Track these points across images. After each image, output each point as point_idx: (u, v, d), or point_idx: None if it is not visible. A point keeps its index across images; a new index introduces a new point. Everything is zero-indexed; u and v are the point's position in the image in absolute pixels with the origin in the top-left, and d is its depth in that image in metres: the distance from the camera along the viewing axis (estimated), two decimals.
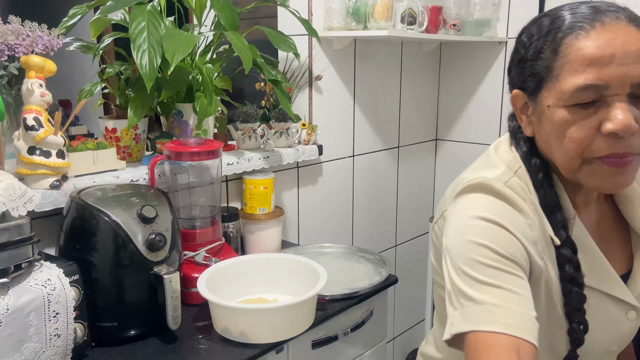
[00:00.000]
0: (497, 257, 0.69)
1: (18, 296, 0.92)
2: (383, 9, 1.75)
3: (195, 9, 1.46)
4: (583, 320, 0.74)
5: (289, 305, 1.14)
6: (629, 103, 0.65)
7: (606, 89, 0.65)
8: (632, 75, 0.64)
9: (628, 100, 0.65)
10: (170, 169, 1.38)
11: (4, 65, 1.20)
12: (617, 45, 0.64)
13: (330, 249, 1.63)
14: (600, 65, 0.64)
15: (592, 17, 0.67)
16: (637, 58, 0.64)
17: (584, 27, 0.67)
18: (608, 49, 0.64)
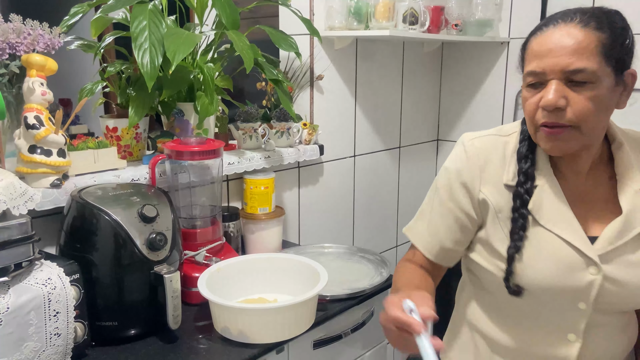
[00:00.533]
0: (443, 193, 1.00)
1: (18, 295, 0.92)
2: (385, 9, 1.75)
3: (197, 8, 1.46)
4: (517, 245, 0.90)
5: (290, 306, 1.14)
6: (564, 85, 0.83)
7: (544, 75, 0.84)
8: (562, 64, 0.82)
9: (563, 84, 0.83)
10: (171, 168, 1.38)
11: (5, 63, 1.20)
12: (554, 42, 0.83)
13: (331, 249, 1.63)
14: (541, 57, 0.84)
15: (549, 21, 0.86)
16: (568, 51, 0.82)
17: (542, 29, 0.87)
18: (546, 45, 0.84)
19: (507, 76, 2.22)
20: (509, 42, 2.19)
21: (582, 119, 0.83)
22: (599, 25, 0.82)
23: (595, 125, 0.85)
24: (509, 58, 2.20)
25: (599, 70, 0.81)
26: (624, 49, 0.84)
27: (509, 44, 2.19)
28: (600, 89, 0.82)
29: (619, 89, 0.86)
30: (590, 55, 0.81)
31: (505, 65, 2.22)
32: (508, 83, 2.22)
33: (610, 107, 0.86)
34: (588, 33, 0.81)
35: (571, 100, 0.83)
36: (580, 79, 0.82)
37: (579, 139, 0.85)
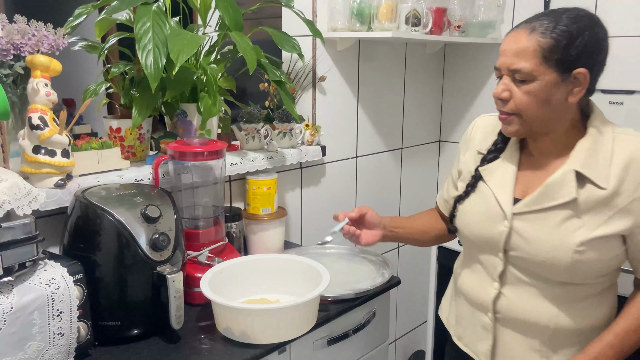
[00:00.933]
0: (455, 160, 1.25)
1: (22, 295, 0.92)
2: (387, 10, 1.75)
3: (200, 9, 1.46)
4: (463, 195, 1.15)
5: (292, 306, 1.14)
6: (511, 81, 1.00)
7: (500, 71, 1.01)
8: (507, 64, 0.99)
9: (510, 79, 1.00)
10: (174, 169, 1.39)
11: (9, 64, 1.21)
12: (507, 44, 1.00)
13: (333, 250, 1.63)
14: (500, 56, 1.02)
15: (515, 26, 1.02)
16: (512, 53, 0.98)
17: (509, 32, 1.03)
18: (503, 46, 1.01)
19: None
20: None
21: (521, 108, 1.00)
22: (544, 33, 0.96)
23: (537, 115, 1.00)
24: None
25: (535, 70, 0.96)
26: (569, 52, 0.95)
27: None
28: (539, 85, 0.97)
29: (567, 86, 0.98)
30: (530, 57, 0.96)
31: None
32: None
33: (552, 101, 0.98)
34: (531, 39, 0.97)
35: (514, 94, 1.00)
36: (520, 77, 0.98)
37: (523, 125, 1.02)
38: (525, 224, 1.04)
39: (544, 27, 0.96)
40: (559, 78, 0.97)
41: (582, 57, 0.96)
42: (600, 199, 0.98)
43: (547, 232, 1.01)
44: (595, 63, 0.98)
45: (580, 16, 0.97)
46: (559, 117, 1.01)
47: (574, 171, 1.00)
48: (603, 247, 0.99)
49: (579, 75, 0.97)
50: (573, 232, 0.99)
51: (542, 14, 1.00)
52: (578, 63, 0.96)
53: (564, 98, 0.98)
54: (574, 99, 0.99)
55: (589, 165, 1.00)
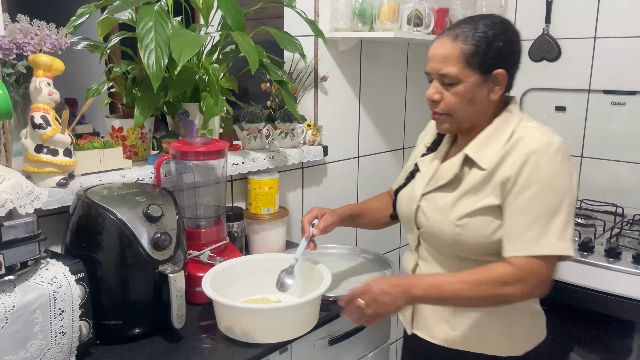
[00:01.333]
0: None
1: (24, 293, 0.93)
2: (389, 11, 1.75)
3: (202, 9, 1.46)
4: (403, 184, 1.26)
5: (293, 306, 1.14)
6: (440, 84, 1.09)
7: (430, 75, 1.11)
8: (436, 69, 1.09)
9: (439, 83, 1.09)
10: (176, 169, 1.39)
11: (12, 63, 1.21)
12: (434, 50, 1.09)
13: (334, 250, 1.63)
14: (429, 61, 1.11)
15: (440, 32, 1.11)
16: (439, 59, 1.08)
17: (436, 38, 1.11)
18: (431, 52, 1.10)
19: None
20: None
21: (450, 109, 1.09)
22: (465, 39, 1.06)
23: (464, 114, 1.10)
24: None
25: (460, 74, 1.06)
26: (488, 56, 1.05)
27: None
28: (464, 87, 1.07)
29: (489, 85, 1.08)
30: (454, 63, 1.06)
31: None
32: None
33: (477, 99, 1.08)
34: (454, 46, 1.06)
35: (444, 96, 1.09)
36: (447, 81, 1.08)
37: (453, 123, 1.12)
38: (426, 202, 1.17)
39: (464, 34, 1.06)
40: (481, 79, 1.07)
41: (499, 59, 1.06)
42: (481, 179, 1.08)
43: (437, 208, 1.14)
44: (511, 63, 1.09)
45: (495, 22, 1.08)
46: (483, 113, 1.11)
47: (464, 155, 1.12)
48: (481, 221, 1.07)
49: (498, 75, 1.07)
50: (455, 207, 1.10)
51: (462, 21, 1.10)
52: (496, 64, 1.06)
53: (486, 96, 1.09)
54: (495, 97, 1.09)
55: (479, 151, 1.10)
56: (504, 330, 1.13)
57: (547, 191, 1.02)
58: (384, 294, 1.04)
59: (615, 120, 1.99)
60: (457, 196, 1.11)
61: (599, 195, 2.02)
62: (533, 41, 2.12)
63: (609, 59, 1.97)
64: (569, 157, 1.06)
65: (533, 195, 1.02)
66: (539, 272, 1.02)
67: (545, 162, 1.03)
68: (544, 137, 1.05)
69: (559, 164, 1.03)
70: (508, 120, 1.11)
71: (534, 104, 2.18)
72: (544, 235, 1.01)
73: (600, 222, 1.82)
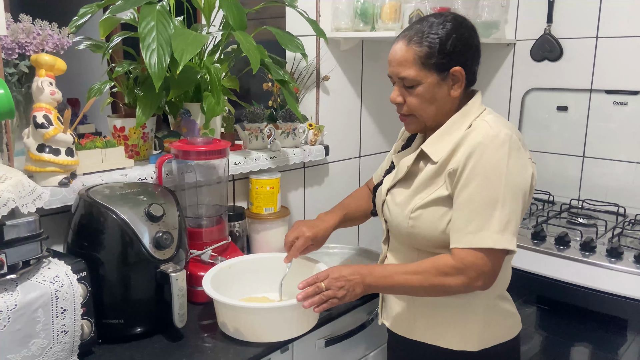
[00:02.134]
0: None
1: (26, 292, 0.93)
2: (391, 10, 1.75)
3: (204, 9, 1.46)
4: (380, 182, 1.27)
5: (293, 305, 1.14)
6: (401, 87, 1.13)
7: (392, 78, 1.14)
8: (395, 72, 1.12)
9: (401, 85, 1.12)
10: (178, 168, 1.39)
11: (14, 63, 1.21)
12: (392, 54, 1.13)
13: (336, 250, 1.63)
14: (389, 65, 1.14)
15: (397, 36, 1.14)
16: (397, 63, 1.11)
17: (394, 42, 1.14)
18: (390, 56, 1.13)
19: (513, 77, 2.22)
20: (515, 44, 2.18)
21: (413, 110, 1.13)
22: (419, 42, 1.08)
23: (427, 113, 1.12)
24: (514, 59, 2.20)
25: (418, 75, 1.09)
26: (443, 55, 1.07)
27: (515, 46, 2.19)
28: (424, 88, 1.10)
29: (447, 83, 1.10)
30: (411, 65, 1.09)
31: (511, 67, 2.21)
32: (514, 84, 2.22)
33: (437, 98, 1.11)
34: (409, 49, 1.09)
35: (406, 98, 1.13)
36: (407, 83, 1.11)
37: (418, 123, 1.15)
38: (390, 197, 1.20)
39: (417, 36, 1.09)
40: (439, 78, 1.09)
41: (454, 56, 1.08)
42: (433, 172, 1.11)
43: (396, 203, 1.17)
44: (467, 59, 1.10)
45: (446, 21, 1.09)
46: (446, 111, 1.13)
47: (420, 150, 1.15)
48: (433, 213, 1.10)
49: (455, 72, 1.09)
50: (410, 201, 1.13)
51: (416, 22, 1.12)
52: (452, 62, 1.09)
53: (447, 94, 1.11)
54: (456, 93, 1.11)
55: (433, 145, 1.12)
56: (456, 325, 1.13)
57: (488, 184, 1.03)
58: (343, 280, 1.09)
59: (617, 120, 1.99)
60: (412, 190, 1.13)
61: (600, 195, 2.02)
62: (535, 41, 2.12)
63: (611, 59, 1.97)
64: (518, 150, 1.06)
65: (475, 187, 1.04)
66: (478, 265, 1.03)
67: (488, 154, 1.03)
68: (491, 130, 1.06)
69: (504, 157, 1.03)
70: (467, 114, 1.12)
71: (535, 103, 2.18)
72: (485, 227, 1.02)
73: (602, 222, 1.81)
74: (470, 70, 1.12)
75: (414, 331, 1.18)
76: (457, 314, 1.13)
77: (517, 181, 1.04)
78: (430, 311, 1.16)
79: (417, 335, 1.17)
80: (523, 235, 1.74)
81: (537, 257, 1.65)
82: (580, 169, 2.08)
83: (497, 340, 1.15)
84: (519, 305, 1.24)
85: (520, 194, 1.05)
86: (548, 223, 1.83)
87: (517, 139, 1.07)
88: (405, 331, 1.20)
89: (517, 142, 1.06)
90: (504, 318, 1.17)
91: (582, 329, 1.64)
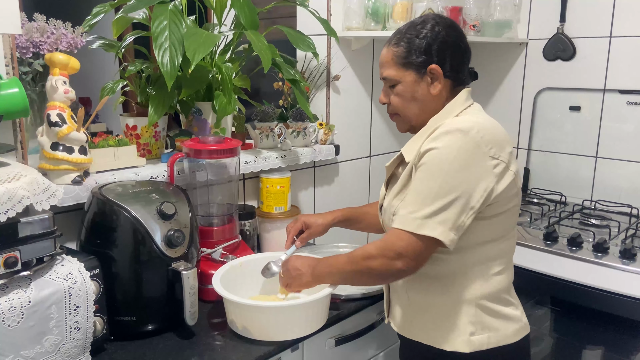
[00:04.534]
0: None
1: (40, 289, 0.94)
2: (402, 10, 1.75)
3: (216, 8, 1.47)
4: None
5: (302, 304, 1.15)
6: (386, 87, 1.17)
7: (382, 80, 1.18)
8: (380, 73, 1.17)
9: (386, 87, 1.17)
10: (189, 167, 1.40)
11: (28, 62, 1.22)
12: (380, 57, 1.17)
13: (346, 249, 1.62)
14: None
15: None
16: (381, 64, 1.16)
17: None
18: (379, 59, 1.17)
19: (525, 77, 2.20)
20: (528, 43, 2.17)
21: (397, 108, 1.17)
22: (397, 43, 1.13)
23: (410, 112, 1.15)
24: (527, 59, 2.19)
25: (397, 75, 1.13)
26: (418, 53, 1.10)
27: (527, 45, 2.17)
28: (403, 87, 1.13)
29: (426, 81, 1.12)
30: (391, 65, 1.14)
31: (523, 66, 2.20)
32: (526, 84, 2.20)
33: (418, 97, 1.13)
34: (389, 50, 1.14)
35: (390, 98, 1.17)
36: (389, 83, 1.16)
37: (404, 122, 1.18)
38: (385, 199, 1.21)
39: (396, 38, 1.14)
40: (416, 76, 1.12)
41: (429, 54, 1.11)
42: (408, 171, 1.12)
43: (384, 207, 1.20)
44: (445, 57, 1.11)
45: (425, 22, 1.12)
46: (429, 109, 1.15)
47: (399, 153, 1.17)
48: None
49: (432, 70, 1.11)
50: (392, 202, 1.15)
51: (402, 26, 1.16)
52: (428, 60, 1.11)
53: (427, 92, 1.13)
54: (435, 91, 1.13)
55: (408, 146, 1.15)
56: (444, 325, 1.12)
57: (430, 175, 1.03)
58: (295, 269, 1.20)
59: (630, 120, 1.97)
60: (394, 192, 1.15)
61: (613, 196, 2.00)
62: (548, 40, 2.10)
63: (624, 58, 1.95)
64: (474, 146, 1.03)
65: (420, 176, 1.05)
66: (398, 245, 1.03)
67: (437, 148, 1.03)
68: (457, 124, 1.05)
69: (452, 151, 1.02)
70: (450, 112, 1.13)
71: (548, 103, 2.16)
72: (414, 212, 1.03)
73: (615, 223, 1.80)
74: (452, 67, 1.12)
75: (412, 331, 1.18)
76: (446, 316, 1.12)
77: (461, 177, 1.02)
78: (421, 311, 1.15)
79: (414, 334, 1.17)
80: (535, 236, 1.73)
81: (549, 258, 1.63)
82: (593, 169, 2.06)
83: (494, 343, 1.11)
84: (530, 306, 1.22)
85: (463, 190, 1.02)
86: (560, 224, 1.82)
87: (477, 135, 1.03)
88: (405, 331, 1.20)
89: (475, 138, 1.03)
90: (501, 321, 1.13)
91: (595, 331, 1.63)
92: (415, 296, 1.16)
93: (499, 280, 1.13)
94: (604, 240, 1.61)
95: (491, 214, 1.07)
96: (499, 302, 1.14)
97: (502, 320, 1.13)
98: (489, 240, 1.10)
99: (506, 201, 1.08)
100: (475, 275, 1.10)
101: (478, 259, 1.10)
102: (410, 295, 1.16)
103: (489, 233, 1.09)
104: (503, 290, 1.14)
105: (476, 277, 1.10)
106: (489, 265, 1.11)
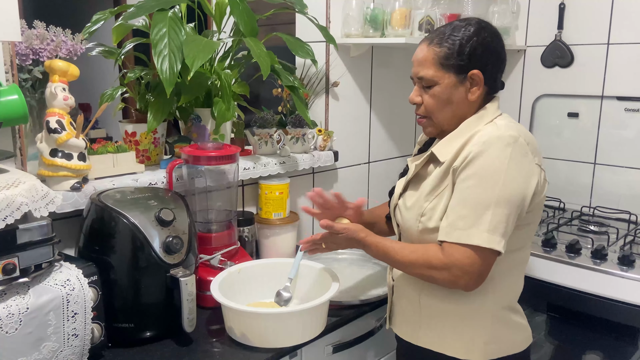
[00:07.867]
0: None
1: (38, 296, 0.94)
2: (401, 17, 1.76)
3: (215, 15, 1.48)
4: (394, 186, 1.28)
5: (301, 311, 1.15)
6: (420, 87, 1.14)
7: (413, 79, 1.15)
8: (415, 72, 1.14)
9: (421, 86, 1.14)
10: (188, 173, 1.40)
11: (28, 68, 1.23)
12: (415, 56, 1.14)
13: (345, 255, 1.63)
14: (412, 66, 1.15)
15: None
16: (417, 63, 1.13)
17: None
18: (413, 57, 1.15)
19: (523, 84, 2.21)
20: (526, 50, 2.18)
21: (429, 111, 1.13)
22: (439, 43, 1.10)
23: (443, 115, 1.13)
24: (525, 66, 2.19)
25: (436, 76, 1.10)
26: (462, 57, 1.08)
27: (525, 52, 2.18)
28: (441, 89, 1.10)
29: (465, 86, 1.10)
30: (430, 65, 1.10)
31: (521, 73, 2.21)
32: (525, 90, 2.21)
33: (454, 100, 1.11)
34: (430, 50, 1.11)
35: (423, 98, 1.13)
36: (425, 83, 1.12)
37: (434, 126, 1.15)
38: (402, 201, 1.21)
39: (438, 38, 1.10)
40: (456, 80, 1.10)
41: (473, 59, 1.09)
42: (441, 173, 1.11)
43: (406, 205, 1.17)
44: (487, 64, 1.10)
45: (469, 25, 1.10)
46: (463, 115, 1.13)
47: (430, 152, 1.15)
48: (442, 214, 1.08)
49: (473, 75, 1.09)
50: (419, 203, 1.13)
51: (441, 26, 1.14)
52: (471, 65, 1.09)
53: (464, 97, 1.11)
54: (473, 97, 1.11)
55: (442, 147, 1.13)
56: (461, 334, 1.12)
57: (485, 183, 1.03)
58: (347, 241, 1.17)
59: (629, 127, 1.97)
60: (422, 193, 1.14)
61: (612, 202, 2.00)
62: (545, 47, 2.11)
63: (622, 65, 1.96)
64: (523, 155, 1.04)
65: (471, 185, 1.04)
66: (464, 263, 1.02)
67: (489, 155, 1.03)
68: (497, 131, 1.06)
69: (504, 159, 1.03)
70: (482, 118, 1.12)
71: (546, 110, 2.17)
72: (475, 226, 1.02)
73: (613, 229, 1.80)
74: (491, 75, 1.11)
75: (420, 337, 1.17)
76: (462, 323, 1.12)
77: (515, 185, 1.03)
78: (436, 318, 1.15)
79: (422, 341, 1.17)
80: (534, 243, 1.73)
81: (547, 265, 1.63)
82: (592, 175, 2.07)
83: (504, 352, 1.13)
84: (529, 313, 1.22)
85: (517, 199, 1.03)
86: (559, 230, 1.82)
87: (524, 143, 1.05)
88: (411, 337, 1.19)
89: (523, 146, 1.05)
90: (512, 330, 1.15)
91: (593, 337, 1.63)
92: (429, 301, 1.15)
93: (514, 289, 1.15)
94: (603, 247, 1.61)
95: (525, 222, 1.08)
96: (511, 311, 1.15)
97: (513, 329, 1.14)
98: (515, 249, 1.10)
99: (538, 209, 1.11)
100: (496, 284, 1.10)
101: (501, 268, 1.09)
102: (423, 300, 1.16)
103: (517, 241, 1.09)
104: (514, 299, 1.16)
105: (496, 286, 1.10)
106: (510, 273, 1.12)
